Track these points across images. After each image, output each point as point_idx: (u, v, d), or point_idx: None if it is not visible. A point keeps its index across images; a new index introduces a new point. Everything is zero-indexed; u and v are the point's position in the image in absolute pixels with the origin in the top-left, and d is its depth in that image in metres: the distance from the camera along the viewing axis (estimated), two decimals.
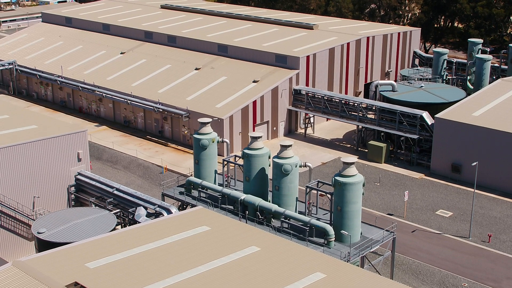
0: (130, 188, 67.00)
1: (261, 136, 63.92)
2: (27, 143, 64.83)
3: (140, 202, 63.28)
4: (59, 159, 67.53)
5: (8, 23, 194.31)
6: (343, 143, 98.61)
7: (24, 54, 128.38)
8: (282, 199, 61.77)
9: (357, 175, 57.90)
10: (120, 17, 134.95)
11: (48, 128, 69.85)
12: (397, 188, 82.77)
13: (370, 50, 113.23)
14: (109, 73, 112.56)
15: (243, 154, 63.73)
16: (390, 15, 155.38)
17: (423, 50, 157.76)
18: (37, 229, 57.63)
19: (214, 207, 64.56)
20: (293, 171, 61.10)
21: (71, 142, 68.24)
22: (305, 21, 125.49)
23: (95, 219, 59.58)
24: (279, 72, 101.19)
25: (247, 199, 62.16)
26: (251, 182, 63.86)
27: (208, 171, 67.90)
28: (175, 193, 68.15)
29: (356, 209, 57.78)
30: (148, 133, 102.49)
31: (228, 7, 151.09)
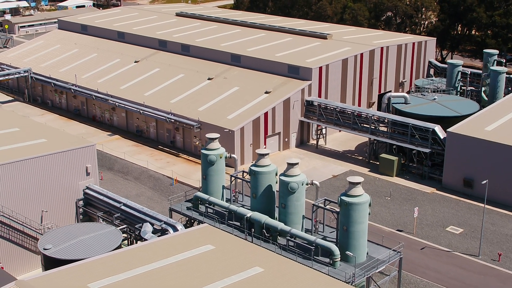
0: (138, 204, 67.09)
1: (268, 153, 63.70)
2: (36, 158, 65.14)
3: (146, 218, 63.42)
4: (68, 173, 67.85)
5: (26, 28, 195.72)
6: (355, 155, 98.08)
7: (40, 61, 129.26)
8: (288, 217, 61.52)
9: (363, 195, 57.52)
10: (135, 24, 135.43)
11: (57, 142, 70.21)
12: (408, 203, 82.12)
13: (384, 61, 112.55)
14: (122, 82, 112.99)
15: (250, 171, 63.57)
16: (406, 23, 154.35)
17: (439, 58, 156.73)
18: (44, 245, 57.90)
19: (220, 223, 64.52)
20: (300, 189, 60.81)
21: (80, 156, 68.53)
22: (319, 29, 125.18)
23: (101, 235, 59.71)
24: (291, 83, 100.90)
25: (253, 216, 62.00)
26: (258, 199, 63.70)
27: (215, 186, 67.84)
28: (182, 209, 68.18)
29: (362, 229, 57.40)
30: (160, 143, 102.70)
31: (243, 15, 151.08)
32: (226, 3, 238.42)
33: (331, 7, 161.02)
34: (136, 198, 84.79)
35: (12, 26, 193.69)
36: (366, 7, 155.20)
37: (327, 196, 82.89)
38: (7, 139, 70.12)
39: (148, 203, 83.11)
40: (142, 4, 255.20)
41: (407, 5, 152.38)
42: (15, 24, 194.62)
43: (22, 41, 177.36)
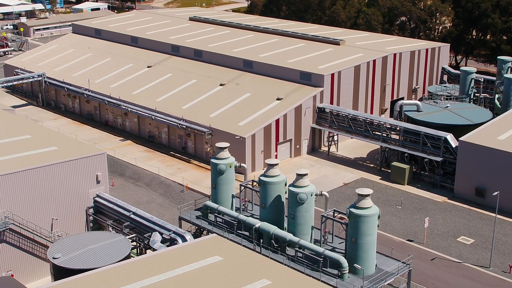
0: (147, 213, 67.25)
1: (278, 164, 63.63)
2: (46, 166, 65.49)
3: (155, 227, 63.58)
4: (78, 181, 68.17)
5: (41, 31, 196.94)
6: (367, 163, 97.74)
7: (54, 65, 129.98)
8: (297, 227, 61.46)
9: (373, 207, 57.32)
10: (149, 29, 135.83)
11: (68, 150, 70.55)
12: (419, 212, 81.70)
13: (397, 67, 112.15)
14: (135, 87, 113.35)
15: (260, 181, 63.55)
16: (420, 28, 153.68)
17: (454, 63, 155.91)
18: (53, 254, 58.24)
19: (229, 233, 64.55)
20: (309, 200, 60.70)
21: (90, 164, 68.83)
22: (333, 35, 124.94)
23: (110, 244, 59.95)
24: (303, 90, 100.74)
25: (262, 227, 61.99)
26: (267, 209, 63.68)
27: (225, 195, 67.91)
28: (191, 217, 68.30)
29: (370, 241, 57.18)
30: (172, 148, 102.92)
31: (257, 19, 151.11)
32: (240, 6, 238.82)
33: (344, 11, 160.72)
34: (147, 204, 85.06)
35: (27, 29, 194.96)
36: (380, 12, 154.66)
37: (338, 204, 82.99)
38: (18, 147, 70.56)
39: (159, 210, 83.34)
40: (156, 6, 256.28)
41: (421, 10, 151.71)
42: (30, 27, 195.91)
43: (37, 44, 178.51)
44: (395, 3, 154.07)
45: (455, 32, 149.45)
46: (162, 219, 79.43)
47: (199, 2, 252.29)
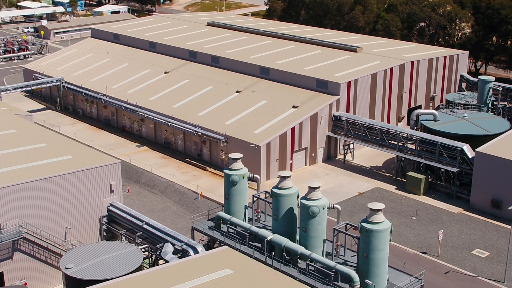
0: (159, 223, 67.40)
1: (290, 176, 63.48)
2: (61, 175, 65.88)
3: (168, 238, 63.71)
4: (92, 191, 68.50)
5: (61, 34, 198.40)
6: (382, 172, 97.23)
7: (72, 70, 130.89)
8: (309, 240, 61.26)
9: (385, 221, 56.95)
10: (167, 34, 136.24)
11: (82, 159, 70.93)
12: (434, 224, 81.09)
13: (415, 75, 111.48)
14: (152, 93, 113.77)
15: (272, 193, 63.46)
16: (439, 34, 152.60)
17: (473, 69, 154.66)
18: (65, 264, 58.59)
19: (241, 244, 64.53)
20: (321, 213, 60.48)
21: (104, 173, 69.14)
22: (351, 41, 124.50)
23: (122, 255, 60.17)
24: (319, 98, 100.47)
25: (274, 239, 61.87)
26: (280, 221, 63.54)
27: (238, 206, 67.85)
28: (204, 228, 68.37)
29: (382, 256, 56.83)
30: (188, 155, 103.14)
31: (275, 24, 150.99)
32: (260, 9, 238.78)
33: (363, 17, 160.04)
34: (162, 212, 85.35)
35: (48, 32, 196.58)
36: (398, 18, 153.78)
37: (352, 214, 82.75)
38: (34, 155, 71.06)
39: (173, 218, 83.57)
40: (176, 9, 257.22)
41: (440, 16, 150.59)
42: (51, 30, 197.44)
43: (57, 47, 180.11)
44: (414, 9, 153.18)
45: (474, 39, 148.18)
46: (176, 227, 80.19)
47: (219, 5, 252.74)
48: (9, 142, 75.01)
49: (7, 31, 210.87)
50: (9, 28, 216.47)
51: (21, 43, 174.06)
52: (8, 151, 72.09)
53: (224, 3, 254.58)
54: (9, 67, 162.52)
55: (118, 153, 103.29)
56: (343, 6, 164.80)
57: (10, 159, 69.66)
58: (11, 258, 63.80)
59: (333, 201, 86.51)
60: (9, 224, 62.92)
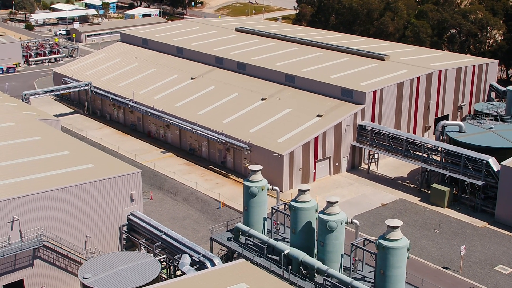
0: (178, 234, 67.65)
1: (309, 189, 63.20)
2: (82, 185, 66.50)
3: (185, 249, 63.91)
4: (113, 200, 69.03)
5: (92, 37, 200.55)
6: (407, 183, 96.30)
7: (101, 75, 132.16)
8: (326, 255, 60.95)
9: (402, 239, 56.40)
10: (195, 39, 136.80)
11: (104, 168, 71.52)
12: (457, 238, 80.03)
13: (442, 84, 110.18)
14: (178, 99, 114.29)
15: (290, 206, 63.27)
16: (470, 41, 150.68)
17: (505, 77, 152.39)
18: (83, 273, 59.12)
19: (259, 256, 64.44)
20: (339, 228, 60.10)
21: (125, 183, 69.64)
22: (379, 48, 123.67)
23: (140, 265, 60.53)
24: (344, 107, 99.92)
25: (291, 253, 61.68)
26: (298, 235, 63.33)
27: (256, 218, 67.83)
28: (222, 239, 68.44)
29: (400, 273, 56.28)
30: (212, 162, 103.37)
31: (303, 30, 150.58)
32: (290, 13, 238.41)
33: (393, 23, 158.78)
34: (183, 220, 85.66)
35: (79, 35, 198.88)
36: (429, 24, 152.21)
37: (374, 226, 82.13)
38: (56, 163, 71.83)
39: (194, 227, 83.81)
40: (207, 12, 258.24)
41: (471, 23, 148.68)
42: (82, 33, 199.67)
43: (87, 50, 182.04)
44: (445, 16, 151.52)
45: (506, 46, 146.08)
46: (196, 236, 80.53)
47: (249, 9, 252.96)
48: (33, 150, 75.97)
49: (40, 33, 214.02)
50: (42, 31, 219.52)
51: (52, 46, 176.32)
52: (32, 159, 73.00)
53: (255, 6, 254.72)
54: (40, 70, 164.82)
55: (142, 159, 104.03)
56: (373, 12, 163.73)
57: (33, 167, 70.53)
58: (32, 266, 64.61)
59: (356, 212, 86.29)
60: (30, 232, 63.68)
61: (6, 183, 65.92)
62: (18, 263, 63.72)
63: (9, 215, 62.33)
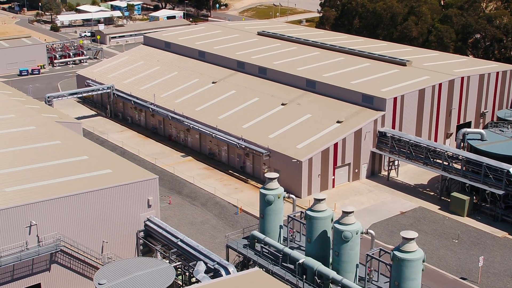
0: (193, 241, 67.79)
1: (325, 198, 62.98)
2: (99, 190, 66.97)
3: (201, 256, 64.05)
4: (130, 205, 69.39)
5: (117, 39, 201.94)
6: (427, 190, 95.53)
7: (123, 78, 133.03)
8: (341, 265, 60.69)
9: (417, 250, 55.96)
10: (217, 43, 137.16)
11: (122, 173, 71.93)
12: (476, 248, 79.21)
13: (465, 91, 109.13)
14: (199, 103, 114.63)
15: (306, 215, 63.11)
16: (494, 47, 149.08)
17: None
18: (99, 279, 59.53)
19: (274, 265, 64.37)
20: (354, 238, 59.80)
21: (142, 188, 69.96)
22: (401, 54, 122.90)
23: (155, 272, 60.79)
24: (364, 113, 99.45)
25: (306, 262, 61.51)
26: (313, 244, 63.14)
27: (272, 226, 67.75)
28: (238, 246, 68.45)
29: (414, 285, 55.86)
30: (231, 167, 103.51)
31: (326, 34, 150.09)
32: (314, 16, 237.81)
33: (416, 27, 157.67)
34: (201, 226, 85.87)
35: (104, 37, 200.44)
36: (453, 29, 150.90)
37: (392, 234, 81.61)
38: (75, 168, 72.38)
39: (212, 232, 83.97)
40: (231, 14, 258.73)
41: (496, 28, 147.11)
42: (106, 34, 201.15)
43: (112, 52, 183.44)
44: (469, 21, 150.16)
45: None
46: (214, 242, 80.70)
47: (273, 11, 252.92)
48: (53, 154, 76.65)
49: (65, 34, 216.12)
50: (68, 32, 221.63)
51: (77, 48, 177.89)
52: (51, 163, 73.66)
53: (279, 9, 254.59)
54: (64, 72, 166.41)
55: (162, 163, 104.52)
56: (397, 16, 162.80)
57: (52, 172, 71.16)
58: (49, 270, 65.20)
59: (374, 220, 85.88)
60: (47, 237, 64.28)
61: (24, 188, 66.62)
62: (35, 267, 64.33)
63: (27, 220, 62.99)
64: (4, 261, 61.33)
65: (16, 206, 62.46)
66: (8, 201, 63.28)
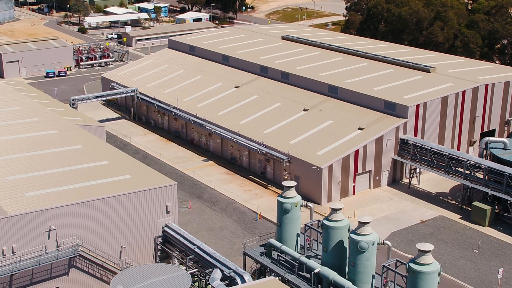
0: (210, 248, 68.10)
1: (342, 208, 62.85)
2: (118, 196, 67.61)
3: (217, 264, 64.32)
4: (149, 211, 69.96)
5: (143, 41, 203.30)
6: (448, 199, 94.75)
7: (147, 81, 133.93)
8: (357, 275, 60.50)
9: (433, 263, 55.57)
10: (241, 47, 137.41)
11: (141, 179, 72.51)
12: (497, 259, 78.39)
13: (489, 98, 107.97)
14: (221, 107, 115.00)
15: (322, 224, 63.03)
16: None
17: None
18: (115, 285, 60.04)
19: (290, 273, 64.40)
20: (370, 249, 59.57)
21: (161, 195, 70.49)
22: (425, 60, 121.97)
23: (171, 278, 61.16)
24: (386, 120, 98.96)
25: (322, 272, 61.44)
26: (329, 253, 63.04)
27: (289, 234, 67.72)
28: (255, 254, 68.59)
29: None
30: (252, 172, 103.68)
31: (350, 39, 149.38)
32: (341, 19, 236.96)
33: (442, 33, 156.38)
34: (220, 231, 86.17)
35: (130, 39, 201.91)
36: (479, 35, 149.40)
37: (411, 243, 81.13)
38: (95, 173, 73.20)
39: (230, 238, 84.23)
40: (257, 17, 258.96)
41: None
42: (133, 37, 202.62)
43: (138, 55, 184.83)
44: (496, 26, 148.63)
45: None
46: (232, 248, 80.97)
47: (299, 14, 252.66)
48: (73, 159, 77.56)
49: (93, 36, 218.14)
50: (95, 34, 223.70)
51: (103, 50, 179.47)
52: (71, 168, 74.56)
53: (305, 12, 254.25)
54: (90, 74, 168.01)
55: (183, 167, 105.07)
56: (422, 21, 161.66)
57: (72, 177, 72.02)
58: (67, 274, 66.01)
59: (393, 228, 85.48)
60: (66, 241, 65.07)
61: (44, 192, 67.53)
62: (54, 272, 65.16)
63: (46, 225, 63.86)
64: (23, 265, 62.27)
65: (35, 211, 63.43)
66: (28, 206, 64.25)
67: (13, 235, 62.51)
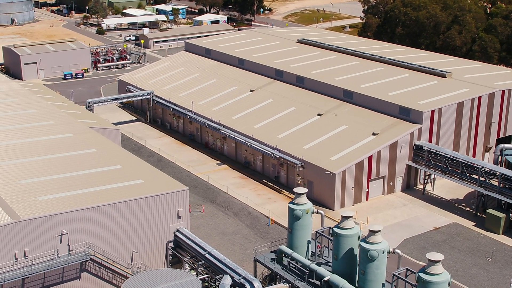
0: (220, 254, 68.20)
1: (352, 216, 62.72)
2: (130, 201, 67.96)
3: (227, 270, 64.43)
4: (160, 216, 70.23)
5: (160, 43, 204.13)
6: (462, 206, 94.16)
7: (163, 84, 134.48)
8: (367, 284, 60.34)
9: (443, 273, 55.26)
10: (257, 51, 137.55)
11: (153, 184, 72.83)
12: (510, 267, 77.79)
13: (505, 104, 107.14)
14: (236, 111, 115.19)
15: (333, 232, 62.93)
16: None
17: None
18: None
19: (300, 280, 64.36)
20: (380, 257, 59.38)
21: (173, 200, 70.73)
22: (442, 64, 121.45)
23: (181, 284, 61.38)
24: (401, 125, 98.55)
25: (332, 279, 61.34)
26: (339, 261, 62.92)
27: (300, 241, 67.67)
28: (265, 260, 68.62)
29: None
30: (265, 176, 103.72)
31: (367, 43, 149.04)
32: (359, 21, 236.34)
33: (460, 37, 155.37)
34: (232, 236, 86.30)
35: (148, 41, 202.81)
36: (497, 39, 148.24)
37: (424, 251, 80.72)
38: (107, 178, 73.67)
39: (242, 243, 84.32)
40: (275, 19, 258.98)
41: None
42: (150, 39, 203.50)
43: (155, 57, 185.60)
44: None
45: None
46: (244, 253, 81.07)
47: (317, 16, 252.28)
48: (87, 163, 78.08)
49: (111, 38, 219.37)
50: (113, 35, 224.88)
51: (120, 52, 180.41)
52: (85, 172, 75.09)
53: (323, 14, 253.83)
54: (107, 76, 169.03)
55: (197, 170, 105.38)
56: (440, 25, 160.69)
57: (85, 181, 72.52)
58: (79, 279, 66.47)
59: (406, 235, 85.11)
60: (78, 246, 65.53)
61: (56, 197, 68.08)
62: (65, 276, 65.68)
63: (58, 229, 64.37)
64: (35, 269, 62.80)
65: (48, 215, 63.94)
66: (40, 210, 64.80)
67: (25, 239, 63.07)
